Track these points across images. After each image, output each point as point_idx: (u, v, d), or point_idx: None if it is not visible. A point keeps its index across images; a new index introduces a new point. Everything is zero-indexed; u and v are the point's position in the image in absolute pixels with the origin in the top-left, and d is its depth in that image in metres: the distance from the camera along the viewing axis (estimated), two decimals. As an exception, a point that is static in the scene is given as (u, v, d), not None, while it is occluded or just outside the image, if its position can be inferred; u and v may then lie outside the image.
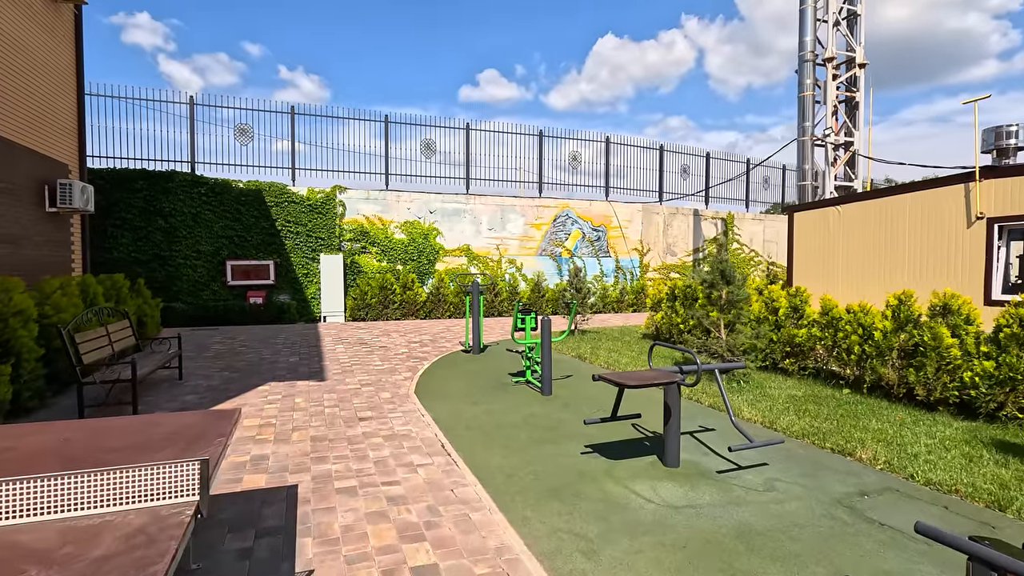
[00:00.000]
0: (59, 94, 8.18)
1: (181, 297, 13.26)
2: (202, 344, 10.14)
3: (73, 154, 8.55)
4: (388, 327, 13.01)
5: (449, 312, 15.19)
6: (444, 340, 10.86)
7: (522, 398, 6.26)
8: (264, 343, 10.35)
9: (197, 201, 13.38)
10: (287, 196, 14.19)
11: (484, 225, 16.20)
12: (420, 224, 15.52)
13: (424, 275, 15.54)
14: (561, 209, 17.14)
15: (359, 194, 14.95)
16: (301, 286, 14.35)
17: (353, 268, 14.82)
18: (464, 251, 15.97)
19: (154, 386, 6.72)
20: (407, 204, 15.41)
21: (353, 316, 14.41)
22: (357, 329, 12.63)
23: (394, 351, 9.53)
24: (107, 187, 12.66)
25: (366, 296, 14.44)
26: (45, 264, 7.65)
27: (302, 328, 12.77)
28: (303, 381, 7.08)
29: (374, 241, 15.03)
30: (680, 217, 19.34)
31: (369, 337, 11.26)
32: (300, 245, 14.32)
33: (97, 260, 12.55)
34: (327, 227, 14.56)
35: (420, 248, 15.48)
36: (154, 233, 13.04)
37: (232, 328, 12.66)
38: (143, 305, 9.24)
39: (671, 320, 9.66)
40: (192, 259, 13.38)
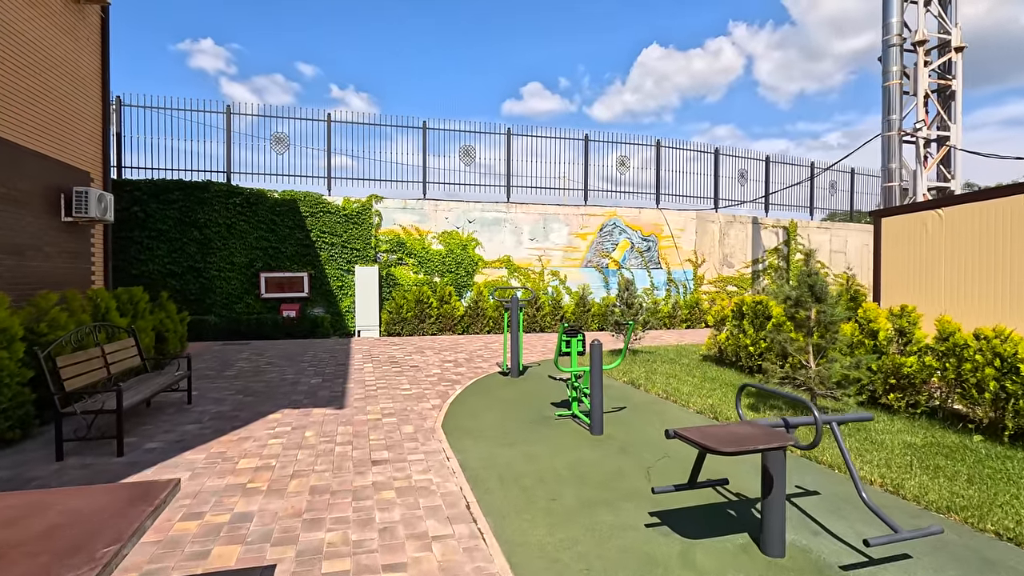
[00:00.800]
0: (80, 98, 7.82)
1: (214, 310, 12.92)
2: (227, 361, 9.61)
3: (96, 162, 8.18)
4: (423, 343, 12.24)
5: (488, 327, 14.31)
6: (481, 359, 9.96)
7: (568, 438, 5.25)
8: (291, 360, 9.72)
9: (232, 211, 13.07)
10: (322, 206, 13.73)
11: (525, 235, 15.31)
12: (458, 234, 14.77)
13: (462, 288, 14.75)
14: (608, 217, 16.05)
15: (396, 203, 14.35)
16: (335, 299, 13.80)
17: (389, 280, 14.19)
18: (504, 262, 15.10)
19: (158, 411, 6.08)
20: (445, 213, 14.70)
21: (388, 331, 13.74)
22: (390, 345, 11.90)
23: (425, 372, 8.69)
24: (144, 198, 12.49)
25: (401, 310, 13.75)
26: (59, 277, 7.21)
27: (334, 344, 12.16)
28: (320, 409, 6.29)
29: (411, 252, 14.37)
30: (737, 225, 17.89)
31: (401, 355, 10.49)
32: (335, 256, 13.80)
33: (132, 272, 12.36)
34: (363, 238, 14.00)
35: (458, 259, 14.71)
36: (188, 244, 12.77)
37: (263, 343, 12.18)
38: (165, 320, 8.76)
39: (738, 341, 8.43)
40: (226, 271, 13.04)
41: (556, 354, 5.70)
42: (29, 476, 4.16)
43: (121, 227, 12.31)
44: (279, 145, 13.80)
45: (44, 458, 4.54)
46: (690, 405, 6.42)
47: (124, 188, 12.38)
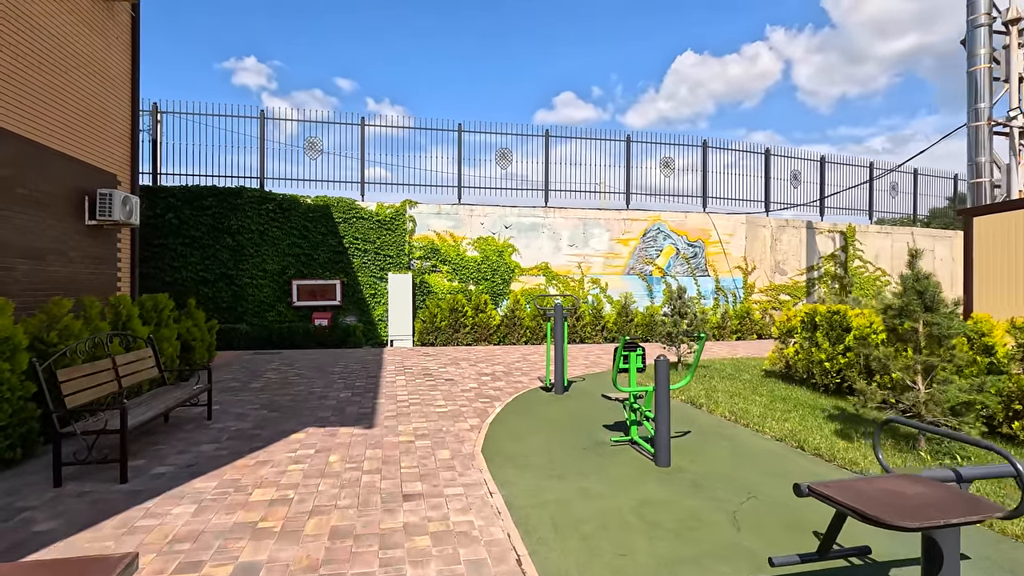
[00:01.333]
0: (108, 98, 7.55)
1: (246, 318, 12.64)
2: (256, 372, 9.19)
3: (124, 164, 7.89)
4: (458, 354, 11.63)
5: (525, 338, 13.62)
6: (520, 372, 9.27)
7: (628, 469, 4.50)
8: (321, 372, 9.24)
9: (264, 218, 12.81)
10: (355, 212, 13.35)
11: (564, 241, 14.60)
12: (494, 240, 14.17)
13: (498, 296, 14.12)
14: (652, 222, 15.20)
15: (430, 208, 13.86)
16: (368, 307, 13.37)
17: (422, 288, 13.68)
18: (542, 269, 14.42)
19: (175, 427, 5.60)
20: (480, 219, 14.13)
21: (421, 340, 13.20)
22: (424, 356, 11.34)
23: (461, 386, 8.05)
24: (178, 204, 12.34)
25: (435, 319, 13.20)
26: (81, 283, 6.89)
27: (365, 353, 11.68)
28: (347, 428, 5.71)
29: (445, 259, 13.84)
30: (790, 230, 16.75)
31: (435, 366, 9.89)
32: (368, 263, 13.39)
33: (166, 279, 12.19)
34: (396, 244, 13.55)
35: (494, 266, 14.10)
36: (221, 251, 12.55)
37: (294, 353, 11.79)
38: (192, 328, 8.39)
39: (811, 356, 7.50)
40: (258, 278, 12.76)
41: (614, 371, 4.96)
42: (20, 506, 3.68)
43: (156, 234, 12.17)
44: (312, 151, 13.52)
45: (42, 483, 4.06)
46: (765, 430, 5.57)
47: (159, 195, 12.26)
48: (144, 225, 12.12)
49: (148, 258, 12.15)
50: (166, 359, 7.25)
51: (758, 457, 4.80)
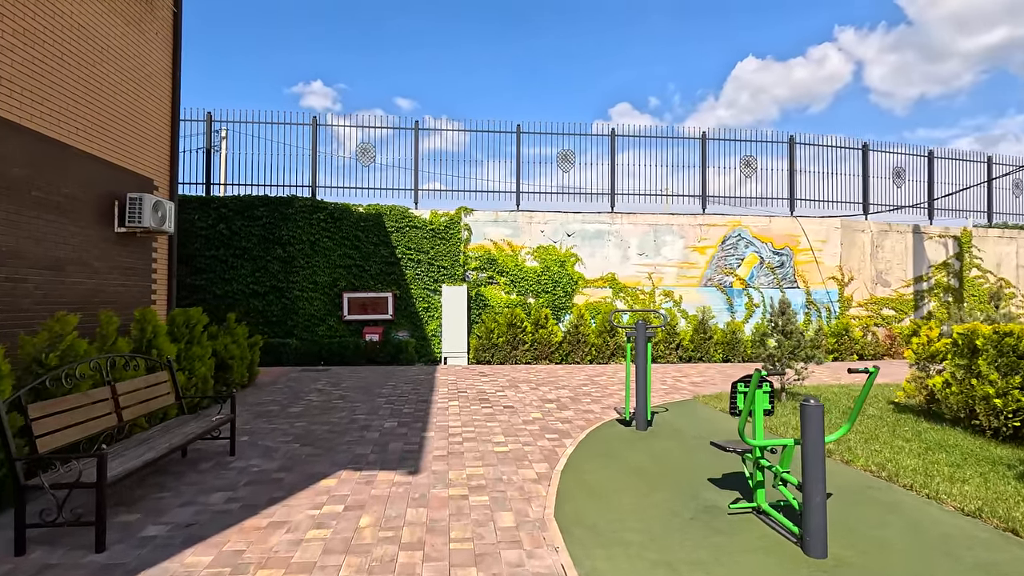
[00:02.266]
0: (145, 97, 7.03)
1: (296, 332, 12.06)
2: (298, 393, 8.43)
3: (161, 168, 7.35)
4: (516, 373, 10.51)
5: (590, 356, 12.34)
6: (588, 399, 8.04)
7: (765, 556, 3.20)
8: (367, 393, 8.37)
9: (316, 228, 12.25)
10: (408, 220, 12.59)
11: (633, 249, 13.26)
12: (555, 249, 13.03)
13: (560, 310, 12.94)
14: (731, 228, 13.61)
15: (486, 216, 12.92)
16: (421, 322, 12.51)
17: (478, 301, 12.70)
18: (608, 281, 13.13)
19: (191, 465, 4.76)
20: (540, 226, 13.04)
21: (477, 358, 12.18)
22: (479, 376, 10.29)
23: (522, 415, 6.91)
24: (230, 215, 11.98)
25: (492, 334, 12.16)
26: (109, 296, 6.29)
27: (417, 372, 10.76)
28: (388, 472, 4.69)
29: (502, 270, 12.82)
30: (894, 235, 14.65)
31: (492, 389, 8.81)
32: (421, 275, 12.56)
33: (216, 292, 11.81)
34: (450, 254, 12.66)
35: (555, 278, 12.95)
36: (272, 263, 12.07)
37: (343, 370, 11.05)
38: (230, 345, 7.72)
39: (971, 390, 5.85)
40: (308, 291, 12.19)
41: (744, 412, 3.69)
42: (-38, 585, 2.84)
43: (208, 245, 11.84)
44: (365, 157, 12.91)
45: (3, 548, 3.24)
46: (941, 497, 4.08)
47: (211, 205, 11.95)
48: (196, 236, 11.81)
49: (200, 270, 11.82)
50: (198, 380, 6.54)
51: (953, 546, 3.36)
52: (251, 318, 11.92)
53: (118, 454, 3.77)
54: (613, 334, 12.48)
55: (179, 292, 11.69)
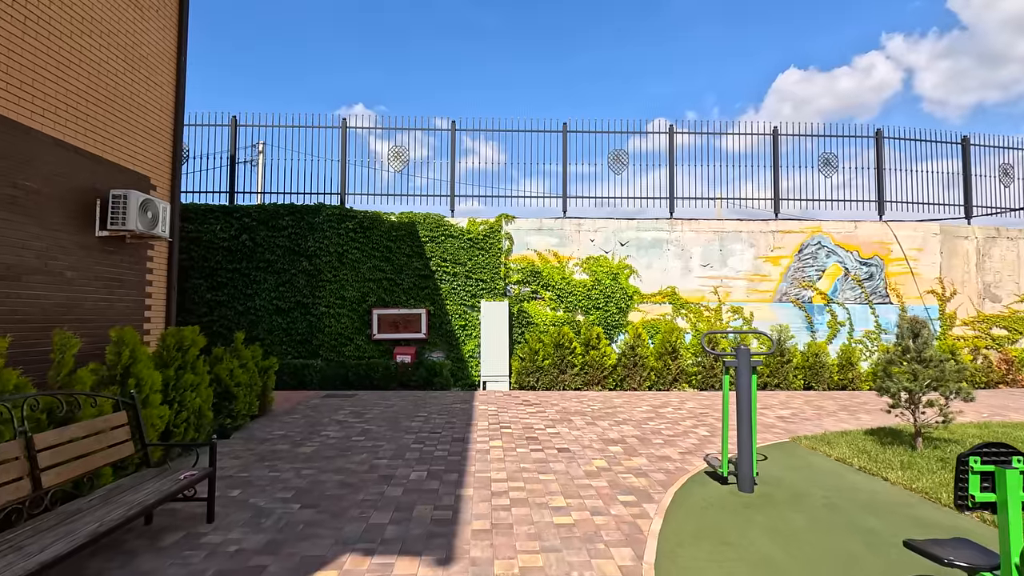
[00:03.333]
0: (139, 81, 6.07)
1: (322, 352, 10.99)
2: (317, 424, 7.24)
3: (160, 164, 6.37)
4: (567, 402, 9.08)
5: (649, 382, 10.79)
6: (659, 438, 6.54)
7: None
8: (394, 427, 7.11)
9: (344, 238, 11.23)
10: (444, 229, 11.42)
11: (695, 260, 11.70)
12: (607, 260, 11.61)
13: (613, 329, 11.46)
14: (810, 235, 11.89)
15: (529, 224, 11.64)
16: (457, 341, 11.26)
17: (521, 318, 11.37)
18: (667, 295, 11.59)
19: (154, 538, 3.55)
20: (590, 234, 11.66)
21: (520, 382, 10.81)
22: (524, 405, 8.91)
23: (583, 463, 5.49)
24: (253, 225, 11.09)
25: (537, 356, 10.78)
26: (87, 312, 5.25)
27: (453, 399, 9.47)
28: (409, 560, 3.36)
29: (547, 284, 11.47)
30: (1004, 242, 12.58)
31: (541, 423, 7.42)
32: (457, 289, 11.34)
33: (238, 308, 10.88)
34: (490, 266, 11.41)
35: (607, 292, 11.50)
36: (297, 277, 11.08)
37: (371, 396, 9.85)
38: (237, 371, 6.60)
39: None
40: (335, 307, 11.13)
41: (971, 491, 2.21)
42: None
43: (230, 258, 10.96)
44: (397, 161, 11.87)
45: None
46: None
47: (233, 215, 11.10)
48: (217, 248, 10.96)
49: (221, 284, 10.94)
50: (189, 414, 5.40)
51: None
52: (274, 336, 10.94)
53: (15, 546, 2.57)
54: (675, 356, 10.91)
55: (198, 309, 10.82)
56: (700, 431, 7.07)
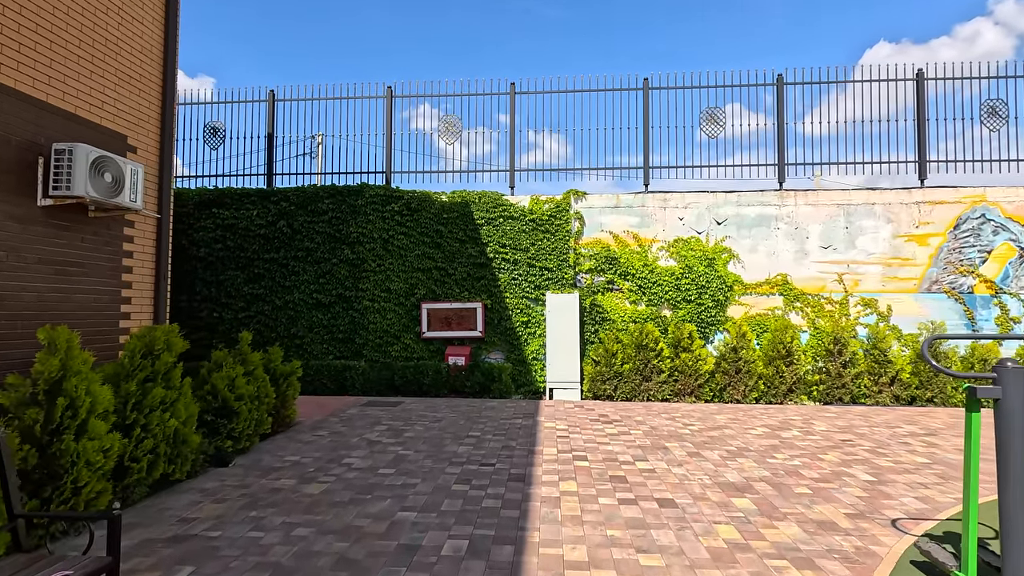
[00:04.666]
0: (109, 16, 4.77)
1: (366, 352, 9.67)
2: (341, 448, 5.80)
3: (145, 123, 5.09)
4: (656, 419, 7.17)
5: (756, 393, 8.65)
6: (799, 483, 4.54)
7: None
8: (437, 453, 5.53)
9: (389, 222, 9.83)
10: (502, 209, 9.77)
11: (813, 240, 9.39)
12: (700, 243, 9.53)
13: (708, 326, 9.39)
14: (970, 205, 9.25)
15: (603, 200, 9.76)
16: (519, 340, 9.59)
17: (594, 314, 9.54)
18: (778, 285, 9.36)
19: None
20: (678, 212, 9.62)
21: (594, 390, 8.99)
22: (602, 422, 7.09)
23: (701, 532, 3.64)
24: (292, 210, 9.92)
25: (614, 359, 8.92)
26: (30, 305, 3.98)
27: (513, 411, 7.80)
28: None
29: (626, 272, 9.56)
30: None
31: (626, 452, 5.59)
32: (518, 280, 9.66)
33: (275, 303, 9.75)
34: (556, 252, 9.65)
35: (700, 282, 9.44)
36: (338, 267, 9.81)
37: (417, 404, 8.38)
38: (239, 381, 5.23)
39: None
40: (380, 300, 9.76)
41: None
42: None
43: (267, 247, 9.86)
44: (448, 133, 10.33)
45: None
46: None
47: (270, 199, 9.97)
48: (254, 237, 9.87)
49: (258, 276, 9.85)
50: (160, 443, 4.05)
51: None
52: (315, 334, 9.73)
53: None
54: (789, 361, 8.70)
55: (235, 303, 9.78)
56: (857, 472, 4.99)
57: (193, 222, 10.02)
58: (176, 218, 9.99)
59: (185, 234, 9.98)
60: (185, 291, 9.93)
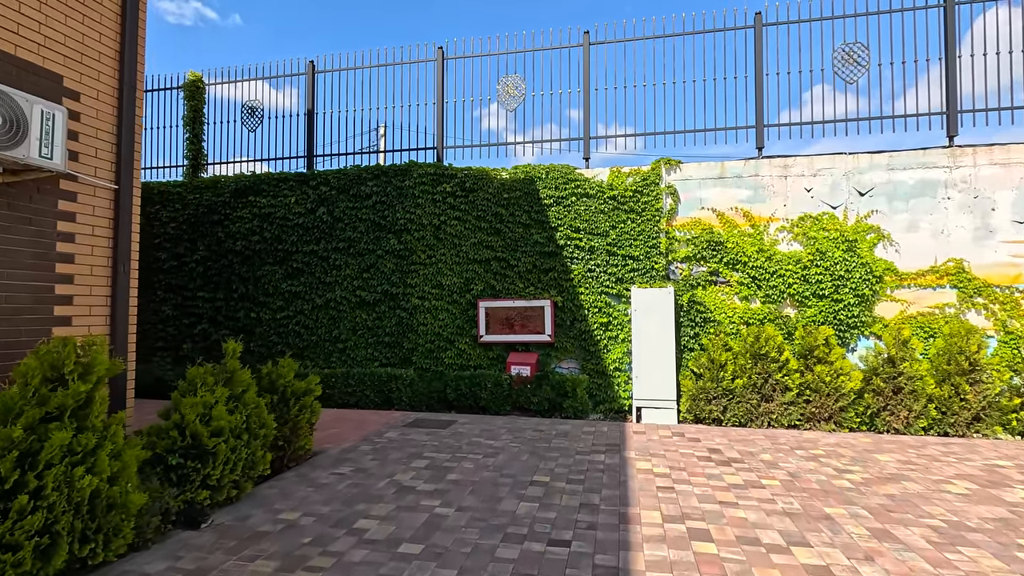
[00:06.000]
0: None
1: (415, 358, 8.24)
2: (358, 500, 4.29)
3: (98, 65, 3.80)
4: (790, 458, 5.14)
5: (925, 420, 6.35)
6: None
7: None
8: (487, 513, 3.89)
9: (440, 205, 8.34)
10: (575, 185, 8.00)
11: (1003, 213, 6.90)
12: (835, 220, 7.30)
13: (849, 329, 7.15)
14: None
15: (704, 171, 7.75)
16: (597, 347, 7.79)
17: (693, 313, 7.56)
18: (949, 274, 6.97)
19: None
20: (804, 181, 7.44)
21: (695, 412, 7.02)
22: (716, 463, 5.15)
23: None
24: (332, 195, 8.66)
25: (722, 372, 6.91)
26: None
27: (593, 442, 6.01)
28: None
29: (735, 260, 7.51)
30: None
31: (765, 517, 3.68)
32: (596, 271, 7.86)
33: (316, 302, 8.53)
34: (644, 237, 7.75)
35: (838, 271, 7.21)
36: (384, 259, 8.44)
37: (473, 425, 6.78)
38: (218, 411, 3.82)
39: None
40: (431, 298, 8.29)
41: None
42: None
43: (306, 237, 8.67)
44: (509, 97, 8.67)
45: None
46: None
47: (309, 183, 8.77)
48: (293, 227, 8.72)
49: (297, 271, 8.68)
50: (57, 515, 2.64)
51: None
52: (359, 337, 8.43)
53: None
54: (973, 377, 6.33)
55: (273, 302, 8.67)
56: None
57: (229, 212, 9.01)
58: (212, 209, 9.04)
59: (221, 225, 9.00)
60: (222, 289, 8.94)
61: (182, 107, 9.68)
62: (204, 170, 9.71)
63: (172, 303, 9.12)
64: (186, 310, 9.07)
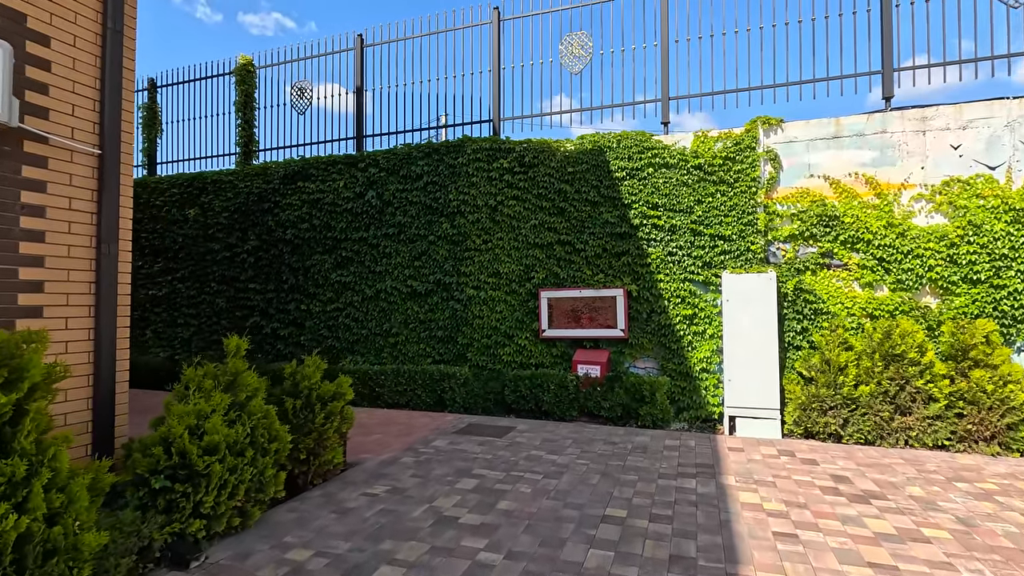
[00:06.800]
0: None
1: (470, 355, 7.42)
2: (386, 536, 3.48)
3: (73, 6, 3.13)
4: (948, 492, 3.82)
5: None
6: None
7: None
8: (545, 571, 2.94)
9: (497, 184, 7.44)
10: (652, 154, 6.84)
11: None
12: (994, 184, 5.71)
13: (1016, 323, 5.57)
14: None
15: (812, 130, 6.35)
16: (679, 343, 6.62)
17: (800, 303, 6.22)
18: None
19: None
20: (950, 136, 5.88)
21: (805, 424, 5.70)
22: (846, 500, 3.92)
23: None
24: (381, 176, 8.00)
25: (842, 375, 5.56)
26: None
27: (678, 464, 4.90)
28: None
29: (854, 237, 6.08)
30: None
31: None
32: (677, 254, 6.68)
33: (365, 292, 7.93)
34: (737, 212, 6.48)
35: (999, 249, 5.63)
36: (436, 246, 7.67)
37: (532, 434, 5.84)
38: (214, 423, 3.11)
39: None
40: (487, 288, 7.43)
41: None
42: None
43: (355, 223, 8.07)
44: (575, 57, 7.60)
45: None
46: None
47: (358, 165, 8.14)
48: (342, 213, 8.15)
49: (347, 261, 8.10)
50: None
51: None
52: (410, 331, 7.73)
53: None
54: None
55: (323, 293, 8.16)
56: None
57: (279, 199, 8.57)
58: (262, 196, 8.63)
59: (271, 213, 8.58)
60: (272, 280, 8.53)
61: (233, 93, 9.38)
62: (255, 156, 9.37)
63: (226, 295, 8.82)
64: (238, 302, 8.74)
